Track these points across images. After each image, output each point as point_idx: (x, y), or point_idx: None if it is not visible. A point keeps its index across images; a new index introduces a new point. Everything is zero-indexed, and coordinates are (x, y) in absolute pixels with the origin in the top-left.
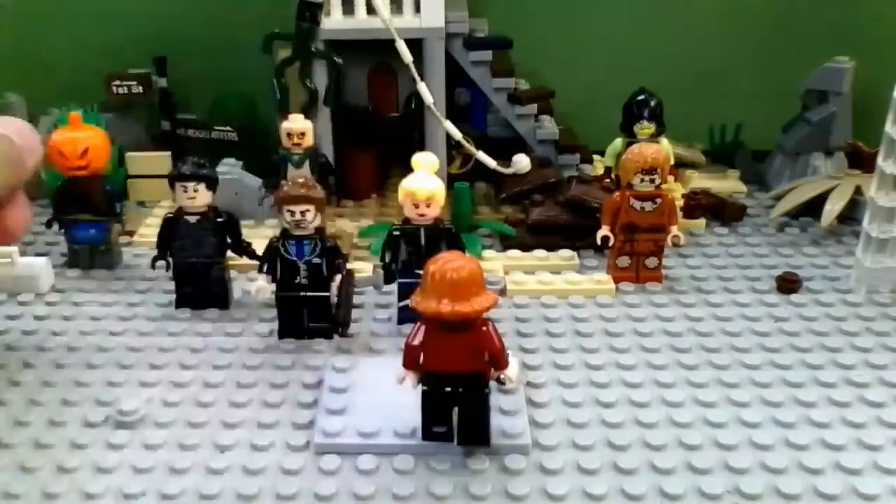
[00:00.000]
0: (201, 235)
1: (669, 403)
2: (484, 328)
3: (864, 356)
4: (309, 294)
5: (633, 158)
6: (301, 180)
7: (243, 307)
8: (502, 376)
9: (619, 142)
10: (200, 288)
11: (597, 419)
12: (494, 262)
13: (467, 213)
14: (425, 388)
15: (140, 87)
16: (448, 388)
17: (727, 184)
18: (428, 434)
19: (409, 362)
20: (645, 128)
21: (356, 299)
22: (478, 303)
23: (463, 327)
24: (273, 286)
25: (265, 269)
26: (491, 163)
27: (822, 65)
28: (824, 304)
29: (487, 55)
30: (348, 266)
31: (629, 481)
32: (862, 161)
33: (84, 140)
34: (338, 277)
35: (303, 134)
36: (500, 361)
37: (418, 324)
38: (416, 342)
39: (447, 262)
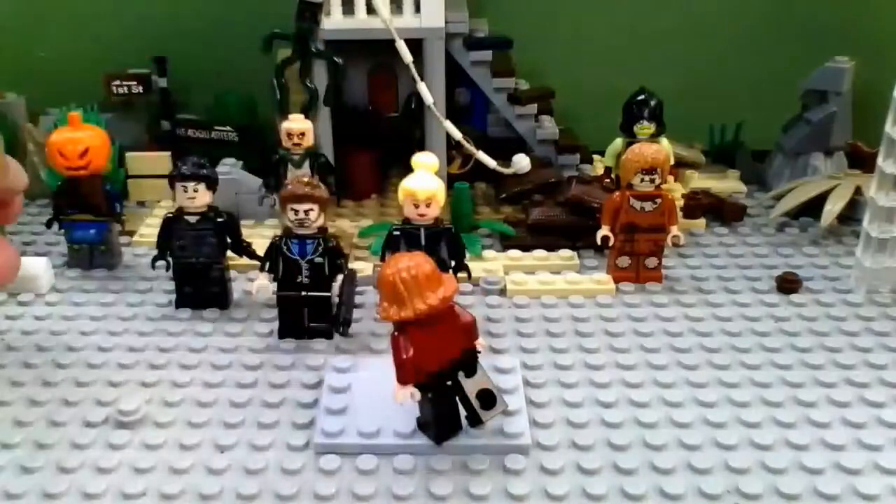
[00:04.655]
0: (201, 235)
1: (669, 403)
2: (453, 308)
3: (864, 356)
4: (310, 294)
5: (633, 158)
6: (305, 179)
7: (243, 307)
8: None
9: (619, 142)
10: (200, 288)
11: (597, 419)
12: (494, 262)
13: (467, 213)
14: (430, 394)
15: (140, 87)
16: (449, 382)
17: (727, 184)
18: (443, 436)
19: (410, 375)
20: (645, 128)
21: (357, 299)
22: (448, 289)
23: (440, 317)
24: (274, 285)
25: (266, 267)
26: (491, 163)
27: (822, 65)
28: (824, 304)
29: (487, 55)
30: (351, 266)
31: (629, 481)
32: (862, 161)
33: (84, 140)
34: (339, 277)
35: (303, 134)
36: (475, 332)
37: (397, 337)
38: (410, 353)
39: (400, 265)
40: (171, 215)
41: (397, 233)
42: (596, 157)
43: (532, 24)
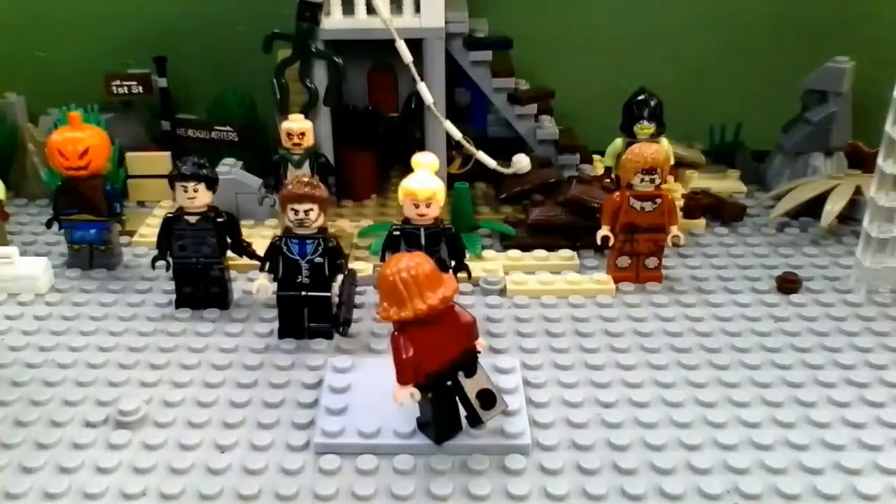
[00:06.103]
0: (201, 235)
1: (669, 403)
2: (453, 308)
3: (864, 356)
4: (310, 294)
5: (633, 158)
6: (305, 179)
7: (243, 307)
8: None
9: (619, 142)
10: (200, 288)
11: (597, 419)
12: (494, 262)
13: (467, 213)
14: (430, 394)
15: (140, 87)
16: (449, 382)
17: (727, 184)
18: (443, 436)
19: (410, 376)
20: (645, 128)
21: (357, 299)
22: (448, 289)
23: (440, 316)
24: (274, 285)
25: (266, 267)
26: (491, 163)
27: (822, 65)
28: (824, 304)
29: (487, 55)
30: (351, 266)
31: (629, 481)
32: (862, 161)
33: (84, 140)
34: (339, 277)
35: (303, 134)
36: (476, 332)
37: (397, 337)
38: (410, 353)
39: (401, 265)
40: (171, 215)
41: (397, 233)
42: (596, 157)
43: (532, 25)
